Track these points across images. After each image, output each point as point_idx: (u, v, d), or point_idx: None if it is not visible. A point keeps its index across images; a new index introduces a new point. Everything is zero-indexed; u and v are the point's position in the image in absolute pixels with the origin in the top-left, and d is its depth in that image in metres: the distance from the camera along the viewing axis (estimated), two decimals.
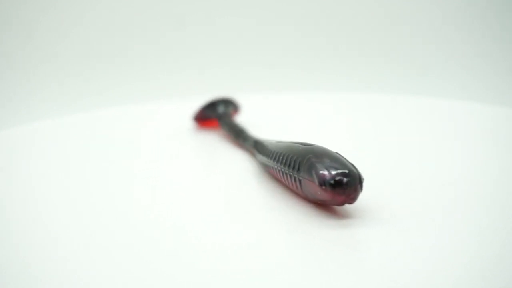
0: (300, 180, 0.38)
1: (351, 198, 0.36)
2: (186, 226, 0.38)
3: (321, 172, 0.36)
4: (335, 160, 0.36)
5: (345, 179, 0.35)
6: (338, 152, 0.38)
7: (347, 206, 0.38)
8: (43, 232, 0.37)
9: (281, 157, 0.40)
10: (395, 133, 0.55)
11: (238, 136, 0.51)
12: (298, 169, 0.38)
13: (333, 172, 0.35)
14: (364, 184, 0.36)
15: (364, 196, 0.40)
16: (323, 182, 0.36)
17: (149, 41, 0.80)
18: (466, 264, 0.33)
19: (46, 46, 0.77)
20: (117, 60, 0.79)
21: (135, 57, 0.80)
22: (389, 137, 0.53)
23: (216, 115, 0.56)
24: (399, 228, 0.36)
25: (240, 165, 0.47)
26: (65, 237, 0.37)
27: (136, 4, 0.80)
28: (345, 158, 0.37)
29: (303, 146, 0.39)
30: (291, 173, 0.39)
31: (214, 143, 0.54)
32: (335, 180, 0.35)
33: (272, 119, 0.60)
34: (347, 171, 0.35)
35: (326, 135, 0.55)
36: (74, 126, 0.60)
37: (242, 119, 0.59)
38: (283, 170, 0.40)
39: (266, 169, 0.43)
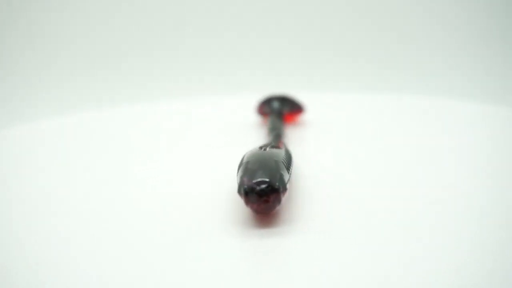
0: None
1: (263, 208, 0.35)
2: (183, 226, 0.38)
3: (242, 178, 0.36)
4: (263, 167, 0.36)
5: (257, 188, 0.35)
6: (280, 159, 0.37)
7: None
8: (43, 232, 0.37)
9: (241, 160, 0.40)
10: (395, 133, 0.55)
11: (268, 135, 0.50)
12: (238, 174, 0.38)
13: (250, 180, 0.35)
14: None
15: (361, 196, 0.40)
16: (239, 188, 0.35)
17: (149, 41, 0.80)
18: (462, 268, 0.33)
19: (46, 46, 0.77)
20: (118, 60, 0.79)
21: (136, 56, 0.80)
22: (389, 137, 0.53)
23: (269, 111, 0.56)
24: (403, 228, 0.36)
25: None
26: (64, 237, 0.37)
27: (138, 2, 0.80)
28: (278, 167, 0.36)
29: (258, 150, 0.39)
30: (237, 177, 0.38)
31: (219, 143, 0.54)
32: (249, 188, 0.35)
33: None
34: (262, 180, 0.35)
35: (326, 136, 0.55)
36: (74, 126, 0.60)
37: (241, 118, 0.59)
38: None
39: None
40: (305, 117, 0.59)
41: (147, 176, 0.46)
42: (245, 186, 0.35)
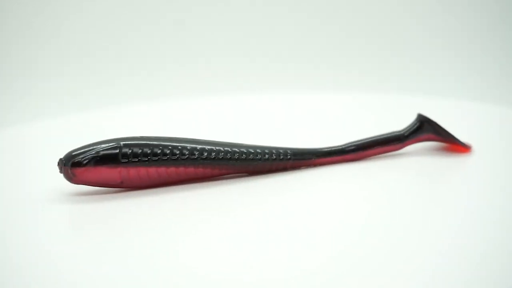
0: None
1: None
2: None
3: None
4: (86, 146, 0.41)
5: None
6: (125, 143, 0.40)
7: None
8: (42, 233, 0.37)
9: None
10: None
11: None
12: None
13: None
14: None
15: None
16: None
17: (149, 41, 0.80)
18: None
19: (47, 46, 0.77)
20: (118, 60, 0.79)
21: (136, 56, 0.80)
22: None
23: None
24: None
25: None
26: (64, 237, 0.37)
27: (139, 2, 0.80)
28: (95, 147, 0.40)
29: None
30: None
31: None
32: None
33: (271, 120, 0.60)
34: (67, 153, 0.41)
35: (324, 135, 0.54)
36: (74, 126, 0.60)
37: (239, 118, 0.59)
38: None
39: None
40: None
41: None
42: None
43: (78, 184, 0.41)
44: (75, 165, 0.40)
